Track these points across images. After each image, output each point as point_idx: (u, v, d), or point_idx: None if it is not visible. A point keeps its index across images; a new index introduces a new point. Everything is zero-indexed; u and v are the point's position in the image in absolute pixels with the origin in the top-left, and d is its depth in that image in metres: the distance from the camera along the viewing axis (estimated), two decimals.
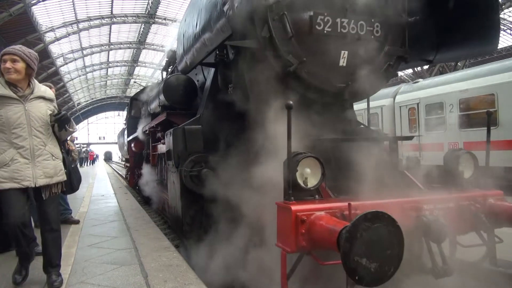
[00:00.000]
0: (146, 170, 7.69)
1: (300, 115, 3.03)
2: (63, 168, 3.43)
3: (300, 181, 2.75)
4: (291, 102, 2.61)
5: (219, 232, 3.69)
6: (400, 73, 39.39)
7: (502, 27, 23.85)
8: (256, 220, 3.24)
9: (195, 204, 4.03)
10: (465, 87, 11.38)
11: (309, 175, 2.80)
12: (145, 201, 9.16)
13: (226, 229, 3.59)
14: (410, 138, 4.82)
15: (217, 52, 3.99)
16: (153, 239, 4.84)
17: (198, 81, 5.24)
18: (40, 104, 3.29)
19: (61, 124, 3.29)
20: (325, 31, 3.41)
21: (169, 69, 7.89)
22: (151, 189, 7.34)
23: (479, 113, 11.02)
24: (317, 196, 2.87)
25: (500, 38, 5.23)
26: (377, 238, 2.14)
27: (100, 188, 12.19)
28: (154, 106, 6.67)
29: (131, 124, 10.79)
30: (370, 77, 3.60)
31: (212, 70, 4.55)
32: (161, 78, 9.26)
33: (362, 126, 4.32)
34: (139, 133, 9.00)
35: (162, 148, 5.52)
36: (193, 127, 4.18)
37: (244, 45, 3.57)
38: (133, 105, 11.19)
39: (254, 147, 3.48)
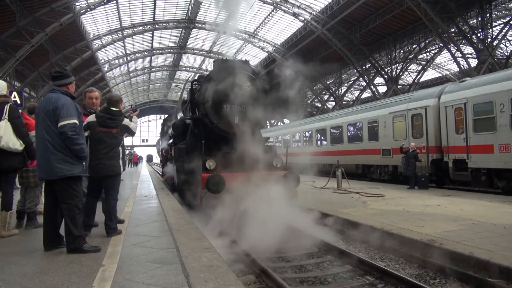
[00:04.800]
0: (168, 165, 13.42)
1: (218, 143, 8.42)
2: None
3: (208, 167, 7.77)
4: (203, 141, 8.07)
5: (188, 187, 8.42)
6: (445, 72, 38.09)
7: None
8: (197, 180, 7.88)
9: (181, 178, 8.69)
10: None
11: (211, 164, 7.81)
12: (166, 179, 15.88)
13: (190, 185, 8.35)
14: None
15: (191, 114, 9.15)
16: (193, 239, 4.88)
17: (191, 120, 9.39)
18: None
19: None
20: (227, 110, 8.38)
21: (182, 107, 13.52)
22: (169, 173, 13.52)
23: None
24: (215, 172, 7.70)
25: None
26: (215, 181, 7.37)
27: (143, 189, 12.58)
28: (170, 132, 12.48)
29: (163, 137, 17.76)
30: (251, 126, 8.43)
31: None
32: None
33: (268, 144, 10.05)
34: (165, 144, 15.12)
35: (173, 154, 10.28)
36: (182, 146, 8.92)
37: (196, 116, 8.82)
38: (164, 124, 17.83)
39: (204, 155, 8.02)
